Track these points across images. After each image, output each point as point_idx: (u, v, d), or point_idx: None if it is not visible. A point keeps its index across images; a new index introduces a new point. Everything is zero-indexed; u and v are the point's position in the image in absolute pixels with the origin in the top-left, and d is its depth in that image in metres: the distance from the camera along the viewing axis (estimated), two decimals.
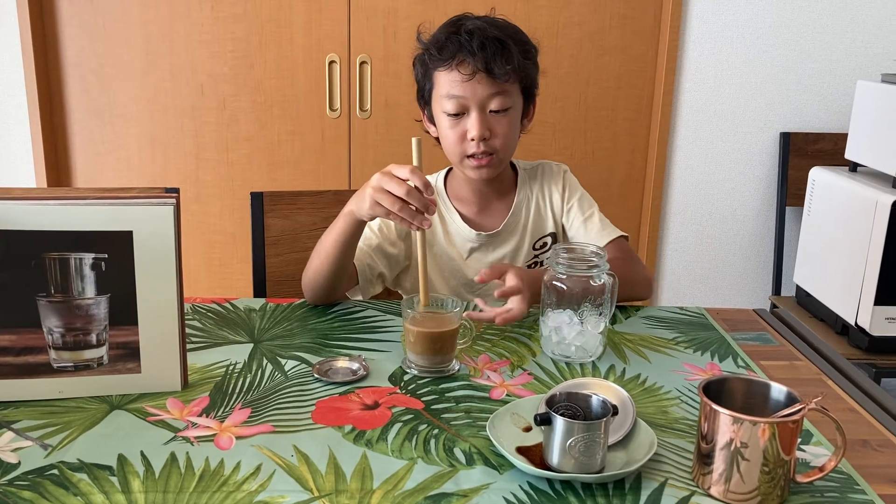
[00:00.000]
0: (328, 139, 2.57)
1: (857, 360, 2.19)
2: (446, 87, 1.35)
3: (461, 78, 1.32)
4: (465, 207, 1.48)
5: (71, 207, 0.98)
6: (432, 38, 1.38)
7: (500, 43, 1.32)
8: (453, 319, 1.14)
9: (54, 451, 0.90)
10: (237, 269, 2.66)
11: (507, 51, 1.32)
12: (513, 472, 0.89)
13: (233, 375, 1.10)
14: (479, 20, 1.36)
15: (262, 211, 1.59)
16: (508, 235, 1.48)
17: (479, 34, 1.32)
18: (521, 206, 1.49)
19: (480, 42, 1.31)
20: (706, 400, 0.86)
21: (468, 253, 1.47)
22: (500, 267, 1.26)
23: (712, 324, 1.35)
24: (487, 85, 1.33)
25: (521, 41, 1.37)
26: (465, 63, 1.32)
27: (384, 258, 1.43)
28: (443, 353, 1.13)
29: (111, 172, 2.59)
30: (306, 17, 2.48)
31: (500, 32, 1.34)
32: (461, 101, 1.34)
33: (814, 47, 2.59)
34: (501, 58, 1.32)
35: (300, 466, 0.88)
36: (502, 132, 1.37)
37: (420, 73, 1.41)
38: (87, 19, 2.46)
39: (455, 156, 1.39)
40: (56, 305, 0.99)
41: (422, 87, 1.42)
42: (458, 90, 1.33)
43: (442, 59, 1.34)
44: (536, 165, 1.54)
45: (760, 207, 2.73)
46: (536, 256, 1.50)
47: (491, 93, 1.33)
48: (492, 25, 1.35)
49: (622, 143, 2.67)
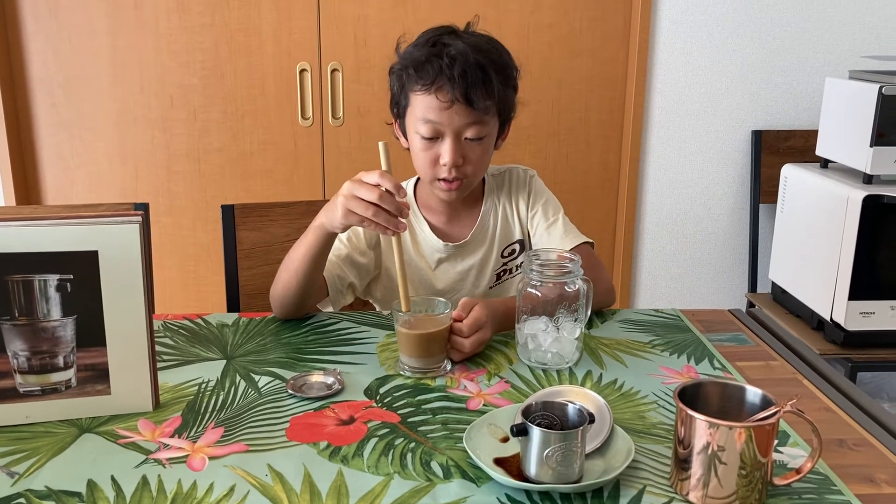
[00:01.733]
0: (301, 148, 2.56)
1: (833, 354, 2.21)
2: (422, 111, 1.30)
3: (438, 105, 1.28)
4: (434, 217, 1.46)
5: (34, 228, 0.95)
6: (412, 54, 1.32)
7: (482, 71, 1.27)
8: (443, 321, 1.15)
9: (21, 478, 0.88)
10: (212, 282, 2.64)
11: (489, 80, 1.28)
12: (490, 484, 0.88)
13: (205, 394, 1.08)
14: (461, 41, 1.30)
15: (234, 224, 1.57)
16: (476, 245, 1.46)
17: (461, 60, 1.26)
18: (489, 214, 1.47)
19: (462, 69, 1.26)
20: (682, 405, 0.85)
21: (436, 263, 1.45)
22: (468, 302, 1.22)
23: (688, 325, 1.35)
24: (465, 114, 1.29)
25: (502, 67, 1.32)
26: (444, 90, 1.27)
27: (354, 268, 1.40)
28: (433, 353, 1.14)
29: (81, 186, 2.55)
30: (276, 26, 2.46)
31: (483, 58, 1.28)
32: (436, 127, 1.30)
33: (782, 46, 2.62)
34: (482, 88, 1.27)
35: (275, 486, 0.87)
36: (475, 158, 1.34)
37: (396, 86, 1.37)
38: (53, 32, 2.43)
39: (425, 176, 1.37)
40: (20, 329, 0.97)
41: (396, 100, 1.38)
42: (434, 116, 1.29)
43: (420, 83, 1.29)
44: (504, 171, 1.51)
45: (734, 205, 2.74)
46: (505, 264, 1.48)
47: (468, 122, 1.30)
48: (475, 49, 1.28)
49: (595, 145, 2.68)
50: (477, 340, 1.18)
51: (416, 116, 1.31)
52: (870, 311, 2.16)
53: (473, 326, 1.18)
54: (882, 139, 2.16)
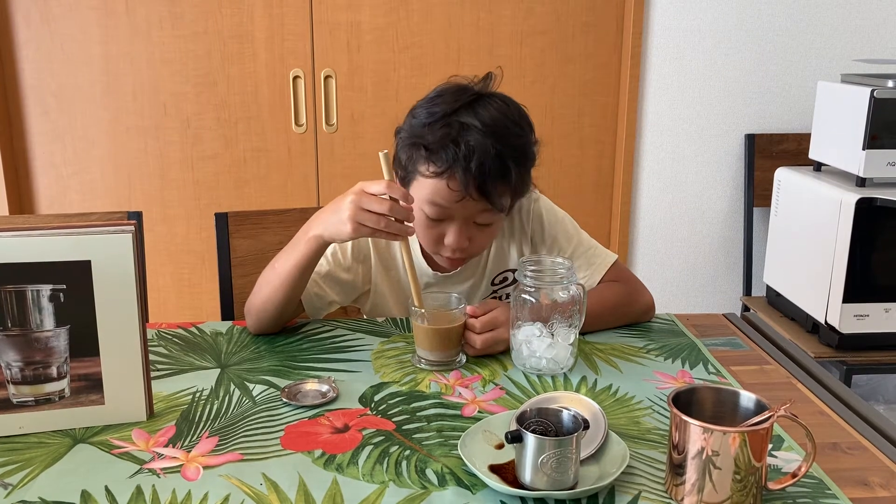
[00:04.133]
0: (294, 154, 2.56)
1: (828, 357, 2.22)
2: (429, 194, 1.22)
3: (449, 194, 1.20)
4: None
5: (26, 239, 0.95)
6: (424, 131, 1.21)
7: (501, 162, 1.18)
8: (457, 316, 1.19)
9: (15, 490, 0.87)
10: (207, 290, 2.63)
11: (507, 172, 1.20)
12: (486, 491, 0.88)
13: (200, 403, 1.08)
14: (479, 123, 1.19)
15: (228, 232, 1.57)
16: (466, 275, 1.40)
17: (480, 151, 1.17)
18: None
19: (479, 162, 1.17)
20: (676, 411, 0.85)
21: (423, 286, 1.37)
22: (490, 303, 1.24)
23: (682, 330, 1.35)
24: (477, 205, 1.22)
25: (523, 153, 1.23)
26: (457, 180, 1.18)
27: (336, 285, 1.36)
28: (448, 348, 1.19)
29: (75, 195, 2.55)
30: (268, 33, 2.46)
31: (504, 146, 1.19)
32: (445, 211, 1.23)
33: (774, 50, 2.63)
34: (499, 182, 1.20)
35: (269, 495, 0.87)
36: (482, 242, 1.30)
37: (404, 155, 1.26)
38: (45, 41, 2.42)
39: (427, 247, 1.32)
40: (14, 339, 0.96)
41: (402, 164, 1.27)
42: (443, 201, 1.22)
43: (432, 168, 1.20)
44: None
45: (728, 209, 2.75)
46: (495, 291, 1.43)
47: (479, 210, 1.23)
48: (495, 136, 1.19)
49: (589, 150, 2.68)
50: (490, 338, 1.20)
51: (423, 196, 1.23)
52: (864, 314, 2.17)
53: (487, 325, 1.20)
54: (875, 142, 2.17)
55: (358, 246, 1.38)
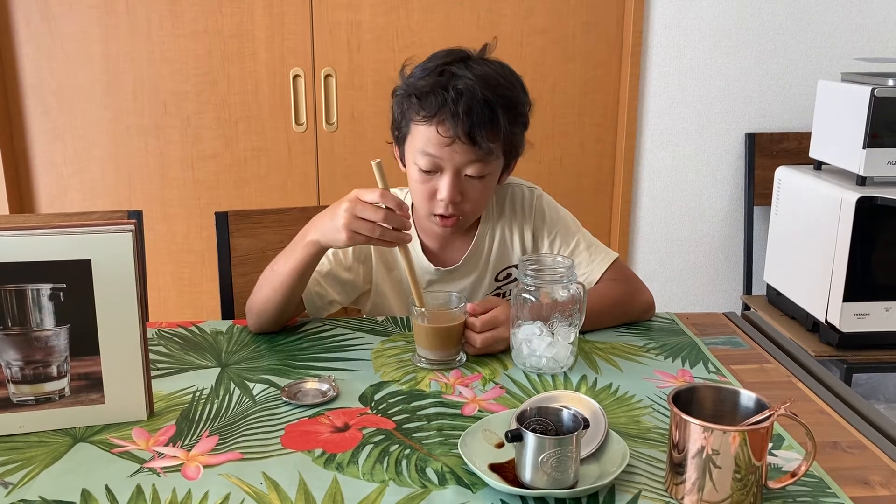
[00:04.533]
0: (295, 154, 2.56)
1: (829, 356, 2.22)
2: (422, 143, 1.25)
3: (439, 140, 1.22)
4: (428, 238, 1.40)
5: (26, 238, 0.95)
6: (417, 81, 1.26)
7: (489, 109, 1.21)
8: (457, 315, 1.20)
9: (15, 489, 0.87)
10: (207, 289, 2.63)
11: (495, 119, 1.22)
12: (486, 490, 0.88)
13: (200, 402, 1.08)
14: (471, 72, 1.23)
15: (228, 231, 1.57)
16: (468, 270, 1.41)
17: (468, 96, 1.20)
18: (484, 238, 1.41)
19: (467, 106, 1.19)
20: (676, 410, 0.85)
21: (426, 284, 1.39)
22: (490, 301, 1.24)
23: (682, 329, 1.35)
24: (466, 152, 1.23)
25: (512, 105, 1.26)
26: (446, 125, 1.21)
27: (337, 284, 1.36)
28: (448, 347, 1.19)
29: (75, 194, 2.55)
30: (268, 32, 2.46)
31: (492, 94, 1.22)
32: (436, 161, 1.25)
33: (775, 48, 2.63)
34: (487, 128, 1.22)
35: (269, 494, 0.87)
36: (474, 197, 1.29)
37: (397, 112, 1.31)
38: (45, 40, 2.42)
39: (421, 209, 1.33)
40: (14, 338, 0.96)
41: (398, 124, 1.32)
42: (433, 150, 1.24)
43: (422, 113, 1.23)
44: (505, 189, 1.43)
45: (729, 208, 2.75)
46: (499, 287, 1.43)
47: (469, 160, 1.24)
48: (484, 84, 1.22)
49: (590, 149, 2.68)
50: (490, 337, 1.20)
51: (416, 147, 1.26)
52: (864, 313, 2.17)
53: (487, 324, 1.20)
54: (875, 141, 2.16)
55: (359, 249, 1.38)
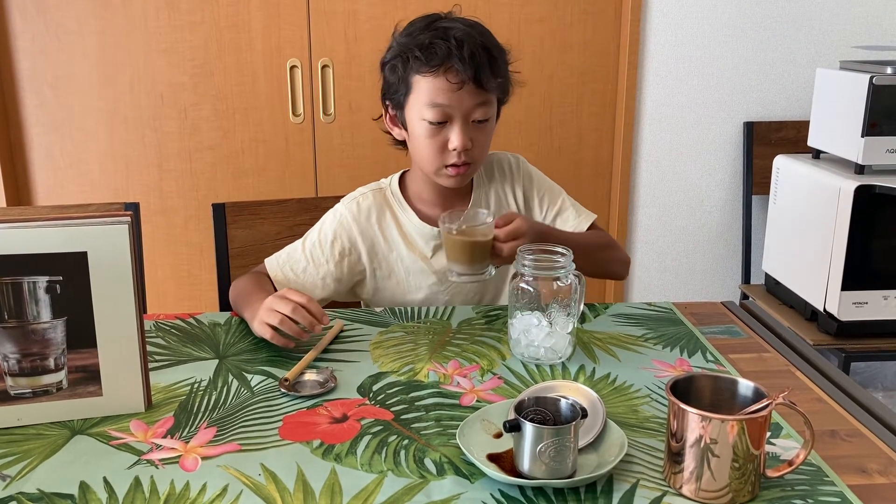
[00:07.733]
0: (292, 145, 2.55)
1: (827, 345, 2.22)
2: (430, 95, 1.30)
3: (449, 87, 1.28)
4: (426, 207, 1.45)
5: (23, 230, 0.95)
6: (413, 39, 1.32)
7: (487, 52, 1.30)
8: (488, 230, 1.26)
9: (13, 481, 0.87)
10: (205, 280, 2.63)
11: (494, 60, 1.30)
12: (484, 480, 0.88)
13: (198, 393, 1.08)
14: (461, 24, 1.31)
15: (225, 222, 1.57)
16: None
17: (469, 43, 1.28)
18: (480, 201, 1.46)
19: (470, 51, 1.27)
20: (674, 399, 0.85)
21: (433, 251, 1.43)
22: (509, 215, 1.29)
23: (680, 318, 1.35)
24: (474, 96, 1.30)
25: (501, 49, 1.35)
26: (454, 71, 1.28)
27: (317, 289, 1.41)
28: (477, 260, 1.26)
29: (73, 187, 2.54)
30: (265, 23, 2.45)
31: (485, 39, 1.31)
32: (445, 111, 1.30)
33: (773, 37, 2.62)
34: (490, 69, 1.29)
35: (268, 485, 0.87)
36: (482, 142, 1.35)
37: (393, 76, 1.35)
38: (40, 32, 2.41)
39: (431, 164, 1.35)
40: (10, 331, 0.96)
41: (395, 88, 1.35)
42: (443, 99, 1.29)
43: (428, 65, 1.29)
44: (490, 157, 1.50)
45: (727, 197, 2.75)
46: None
47: (476, 103, 1.31)
48: (476, 31, 1.31)
49: (588, 138, 2.68)
50: (515, 246, 1.23)
51: (423, 101, 1.31)
52: (863, 301, 2.17)
53: (510, 234, 1.26)
54: (873, 129, 2.16)
55: (340, 244, 1.41)
